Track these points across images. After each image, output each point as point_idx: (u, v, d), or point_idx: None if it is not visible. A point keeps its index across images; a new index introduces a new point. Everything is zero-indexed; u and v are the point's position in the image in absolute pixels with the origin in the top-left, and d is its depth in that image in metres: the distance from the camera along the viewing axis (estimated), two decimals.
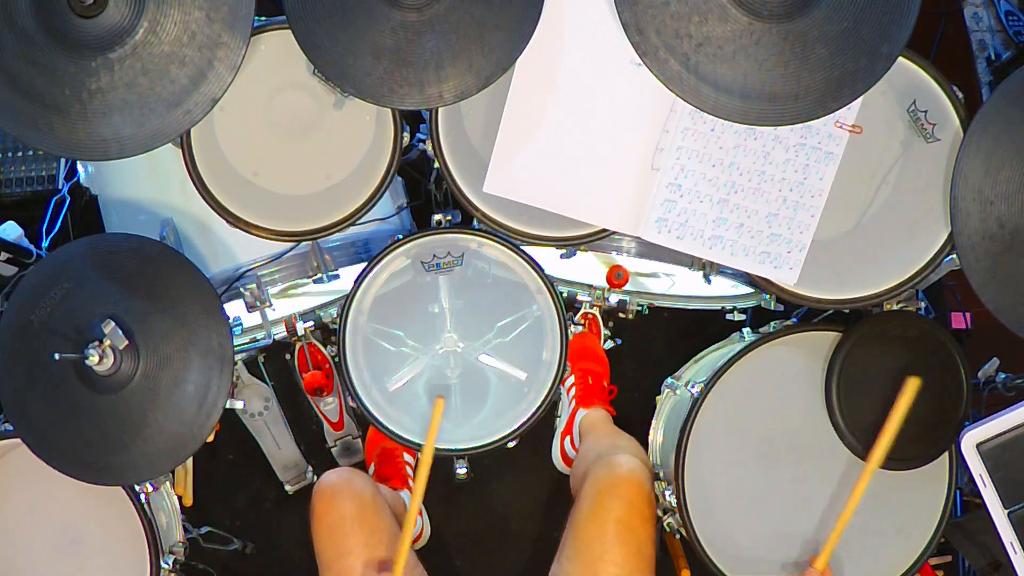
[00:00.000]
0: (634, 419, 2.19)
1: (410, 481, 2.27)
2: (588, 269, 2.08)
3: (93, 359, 1.57)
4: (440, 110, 1.75)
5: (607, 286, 2.03)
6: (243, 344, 2.09)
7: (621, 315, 2.21)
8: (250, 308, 1.88)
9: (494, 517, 2.41)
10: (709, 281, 1.85)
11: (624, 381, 2.39)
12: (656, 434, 2.04)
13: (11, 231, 2.28)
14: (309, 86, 1.75)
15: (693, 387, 1.86)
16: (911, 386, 1.65)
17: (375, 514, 1.84)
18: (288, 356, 2.30)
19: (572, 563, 1.78)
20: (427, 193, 2.07)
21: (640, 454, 1.93)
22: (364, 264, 1.87)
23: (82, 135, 1.59)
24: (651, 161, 1.72)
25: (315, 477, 2.36)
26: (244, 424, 2.28)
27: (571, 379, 2.25)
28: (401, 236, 1.87)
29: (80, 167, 2.08)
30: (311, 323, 2.10)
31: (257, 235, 1.79)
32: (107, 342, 1.59)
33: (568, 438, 2.26)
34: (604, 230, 1.78)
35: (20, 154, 2.38)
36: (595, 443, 2.05)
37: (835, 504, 1.84)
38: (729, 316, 2.08)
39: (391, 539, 1.84)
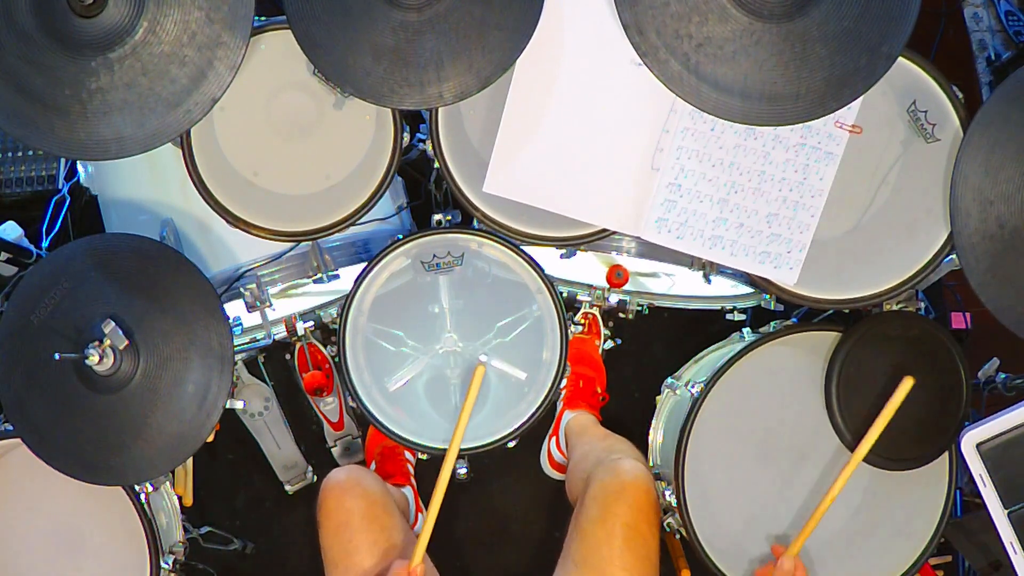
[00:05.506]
0: (634, 419, 2.19)
1: (412, 479, 2.27)
2: (588, 269, 2.08)
3: (93, 359, 1.57)
4: (440, 110, 1.75)
5: (607, 286, 2.03)
6: (243, 344, 2.09)
7: (621, 315, 2.21)
8: (250, 308, 1.88)
9: (494, 517, 2.41)
10: (709, 281, 1.85)
11: (624, 381, 2.39)
12: (656, 434, 2.04)
13: (11, 231, 2.28)
14: (309, 86, 1.75)
15: (693, 387, 1.86)
16: (904, 387, 1.66)
17: (384, 512, 1.83)
18: (288, 356, 2.30)
19: (579, 568, 1.76)
20: (427, 193, 2.07)
21: (639, 457, 1.92)
22: (364, 264, 1.87)
23: (82, 135, 1.59)
24: (651, 161, 1.71)
25: (315, 477, 2.36)
26: (244, 424, 2.28)
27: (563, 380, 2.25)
28: (401, 236, 1.87)
29: (80, 167, 2.08)
30: (311, 323, 2.10)
31: (257, 235, 1.79)
32: (107, 342, 1.59)
33: (554, 439, 2.25)
34: (604, 230, 1.78)
35: (20, 154, 2.38)
36: (590, 447, 2.04)
37: (835, 504, 1.83)
38: (729, 316, 2.08)
39: (399, 537, 1.83)
